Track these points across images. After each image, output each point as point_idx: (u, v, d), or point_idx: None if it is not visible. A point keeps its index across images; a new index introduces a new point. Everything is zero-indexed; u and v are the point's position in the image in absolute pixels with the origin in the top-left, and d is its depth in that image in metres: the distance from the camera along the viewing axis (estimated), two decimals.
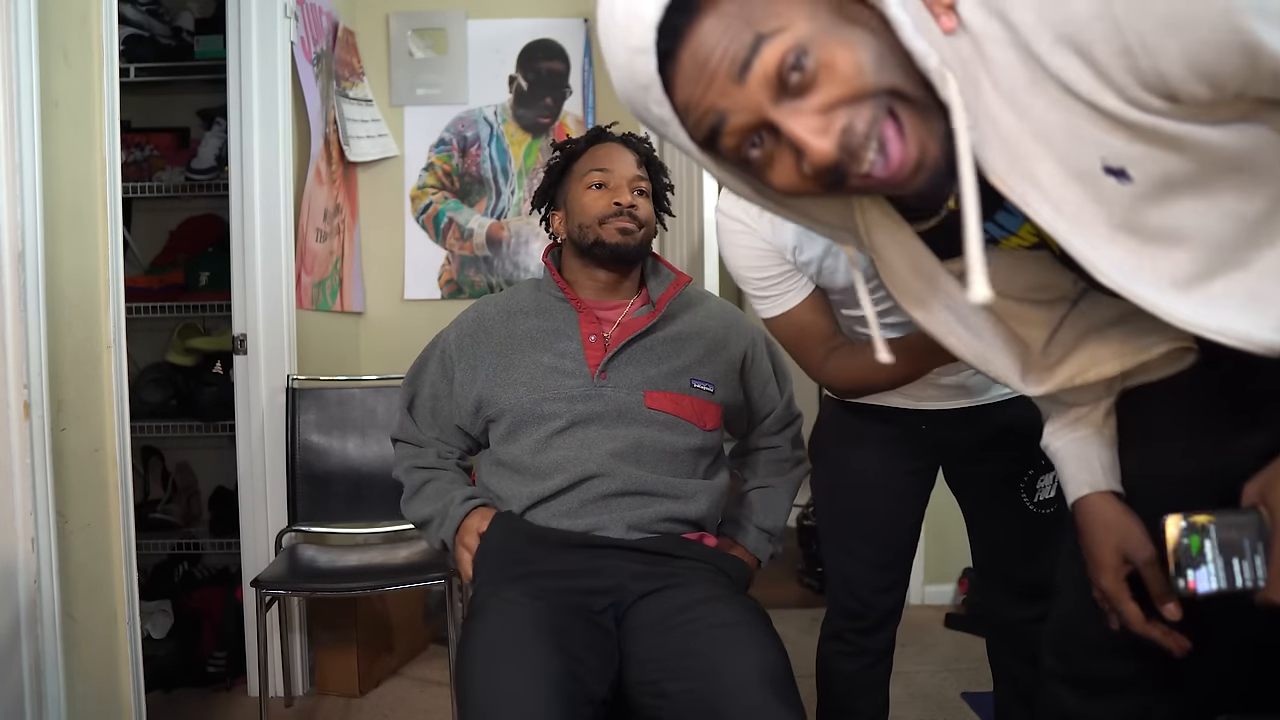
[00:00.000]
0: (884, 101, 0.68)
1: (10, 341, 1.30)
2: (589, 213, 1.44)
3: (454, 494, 1.45)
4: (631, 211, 1.43)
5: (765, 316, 1.27)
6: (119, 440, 1.51)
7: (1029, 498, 1.38)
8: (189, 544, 2.64)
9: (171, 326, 2.73)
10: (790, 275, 1.22)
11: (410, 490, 1.51)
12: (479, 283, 2.88)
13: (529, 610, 1.22)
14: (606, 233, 1.43)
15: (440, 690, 2.34)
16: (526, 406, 1.40)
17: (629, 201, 1.44)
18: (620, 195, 1.44)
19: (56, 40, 1.40)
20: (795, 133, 0.68)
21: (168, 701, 2.27)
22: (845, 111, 0.68)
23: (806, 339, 1.26)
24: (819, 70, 0.67)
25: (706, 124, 0.71)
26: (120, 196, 1.52)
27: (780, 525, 1.54)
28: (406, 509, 1.51)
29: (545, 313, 1.48)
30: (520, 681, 1.09)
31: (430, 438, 1.53)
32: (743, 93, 0.68)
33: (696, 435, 1.42)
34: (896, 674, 1.51)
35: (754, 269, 1.23)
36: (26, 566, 1.31)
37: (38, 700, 1.33)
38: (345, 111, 2.65)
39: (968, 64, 0.69)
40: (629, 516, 1.34)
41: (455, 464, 1.53)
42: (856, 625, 1.46)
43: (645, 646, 1.21)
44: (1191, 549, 0.73)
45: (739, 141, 0.71)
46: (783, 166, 0.72)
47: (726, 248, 1.25)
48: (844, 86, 0.67)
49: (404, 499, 1.52)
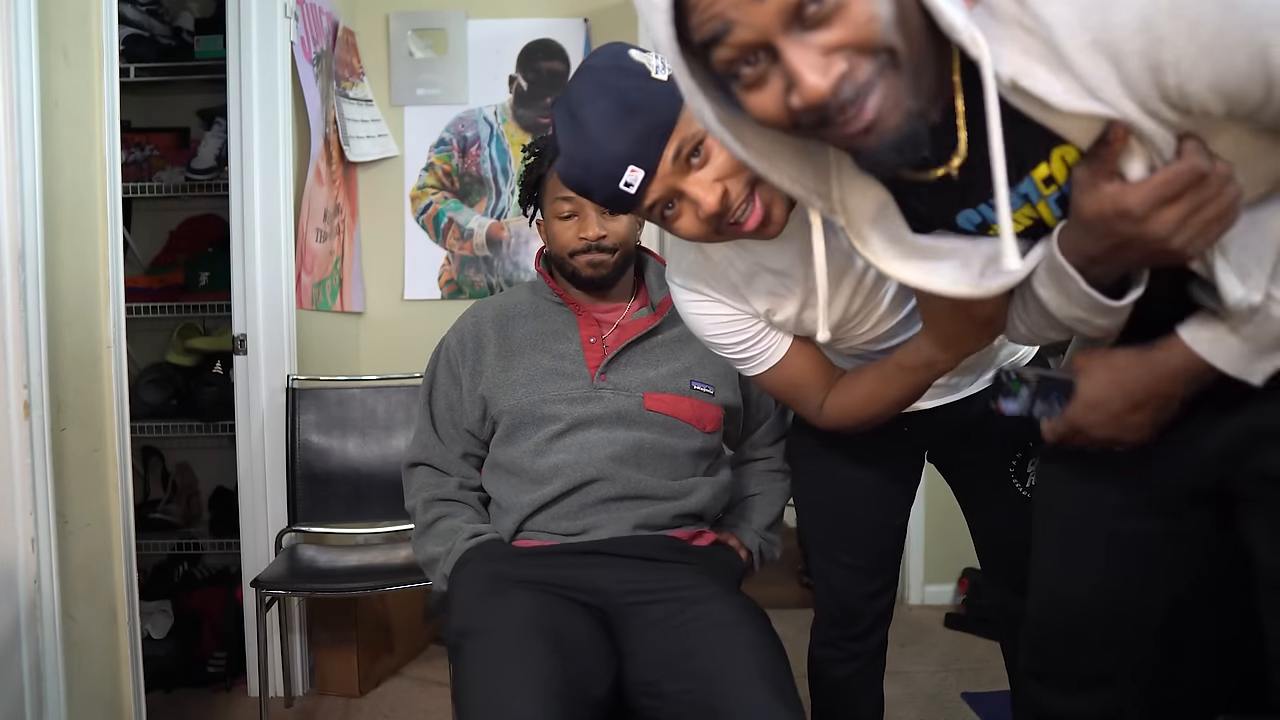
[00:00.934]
0: (884, 60, 0.68)
1: (10, 341, 1.29)
2: (558, 243, 1.44)
3: (459, 533, 1.42)
4: (600, 244, 1.41)
5: (753, 375, 1.18)
6: (119, 440, 1.51)
7: (1021, 484, 1.36)
8: (189, 544, 2.64)
9: (171, 326, 2.73)
10: (766, 333, 1.14)
11: (422, 527, 1.47)
12: (479, 283, 2.88)
13: (525, 611, 1.21)
14: (580, 265, 1.43)
15: (440, 690, 2.34)
16: (526, 408, 1.40)
17: (595, 235, 1.40)
18: (587, 228, 1.41)
19: (56, 40, 1.40)
20: (795, 65, 0.68)
21: (168, 702, 2.27)
22: (847, 58, 0.68)
23: (801, 388, 1.18)
24: (836, 9, 0.67)
25: (708, 30, 0.69)
26: (120, 196, 1.52)
27: (775, 522, 1.53)
28: (417, 546, 1.48)
29: (543, 315, 1.48)
30: (519, 685, 1.08)
31: (455, 456, 1.49)
32: (759, 10, 0.67)
33: (696, 438, 1.42)
34: (896, 674, 1.51)
35: (726, 335, 1.14)
36: (26, 566, 1.31)
37: (38, 700, 1.33)
38: (345, 111, 2.65)
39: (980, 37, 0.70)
40: (628, 518, 1.34)
41: (474, 494, 1.49)
42: (847, 632, 1.43)
43: (643, 647, 1.21)
44: (1012, 388, 0.93)
45: (734, 56, 0.70)
46: (769, 93, 0.71)
47: (690, 319, 1.16)
48: (854, 33, 0.67)
49: (415, 535, 1.49)
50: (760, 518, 1.52)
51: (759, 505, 1.54)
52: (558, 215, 1.43)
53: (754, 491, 1.56)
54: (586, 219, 1.41)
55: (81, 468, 1.45)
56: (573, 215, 1.42)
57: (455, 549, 1.40)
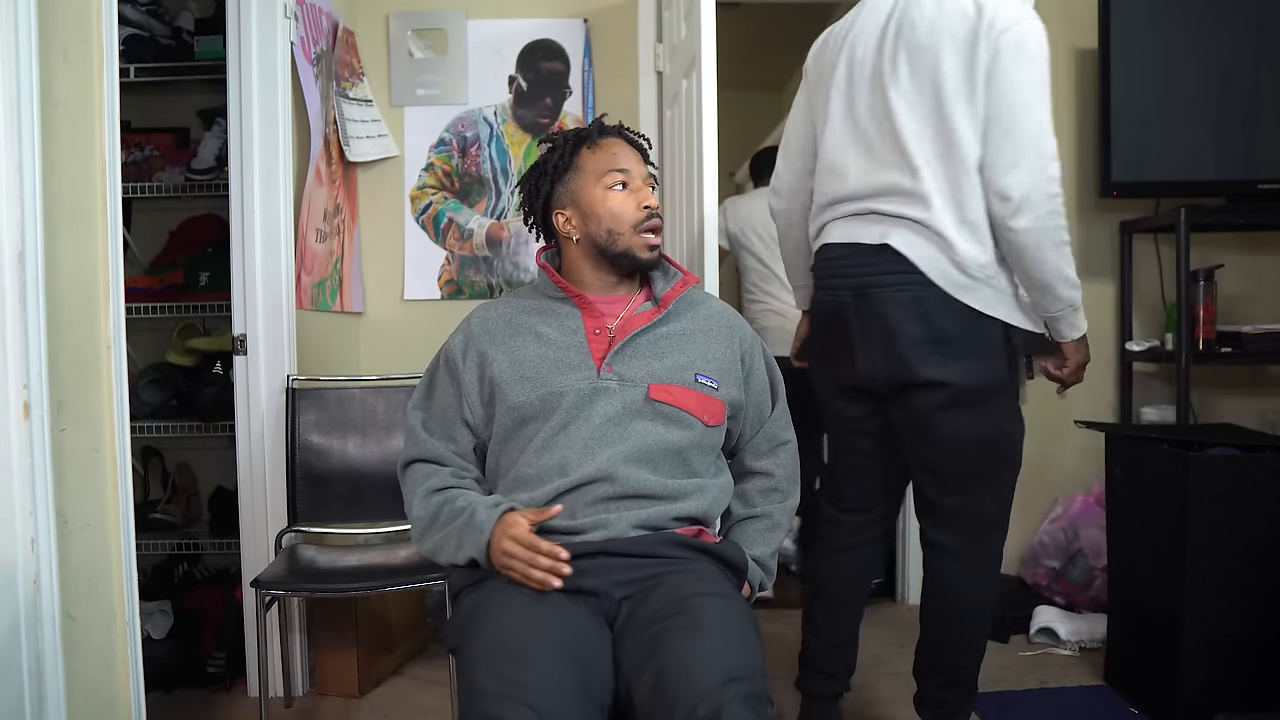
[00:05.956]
0: None
1: (10, 341, 1.29)
2: (622, 218, 1.42)
3: (476, 505, 1.34)
4: (658, 213, 1.44)
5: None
6: (119, 440, 1.51)
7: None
8: (189, 544, 2.64)
9: (171, 326, 2.73)
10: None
11: (425, 522, 1.39)
12: (479, 283, 2.88)
13: (531, 614, 1.21)
14: (638, 245, 1.43)
15: (440, 690, 2.34)
16: (532, 401, 1.39)
17: (655, 203, 1.44)
18: (646, 197, 1.43)
19: (56, 40, 1.40)
20: None
21: (168, 702, 2.27)
22: None
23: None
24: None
25: None
26: (120, 196, 1.52)
27: (772, 555, 1.49)
28: (423, 543, 1.40)
29: (548, 310, 1.48)
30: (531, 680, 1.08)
31: (448, 452, 1.45)
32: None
33: (700, 431, 1.41)
34: (896, 674, 1.50)
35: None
36: (26, 566, 1.31)
37: (38, 700, 1.33)
38: (345, 111, 2.65)
39: None
40: (628, 518, 1.34)
41: (473, 481, 1.45)
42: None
43: (626, 649, 1.21)
44: None
45: None
46: None
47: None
48: None
49: (418, 534, 1.41)
50: (760, 548, 1.48)
51: (759, 531, 1.49)
52: (610, 187, 1.43)
53: (753, 513, 1.51)
54: (641, 190, 1.44)
55: (81, 468, 1.44)
56: (626, 186, 1.43)
57: (477, 523, 1.30)
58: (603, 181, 1.44)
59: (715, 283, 2.09)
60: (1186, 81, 2.67)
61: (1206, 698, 1.99)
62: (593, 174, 1.45)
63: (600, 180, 1.44)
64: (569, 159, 1.48)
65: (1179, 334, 2.57)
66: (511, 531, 1.28)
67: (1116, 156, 2.68)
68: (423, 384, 1.52)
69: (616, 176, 1.43)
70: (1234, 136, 2.69)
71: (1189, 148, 2.69)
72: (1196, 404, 2.78)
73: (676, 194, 2.47)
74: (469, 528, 1.32)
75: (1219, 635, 1.99)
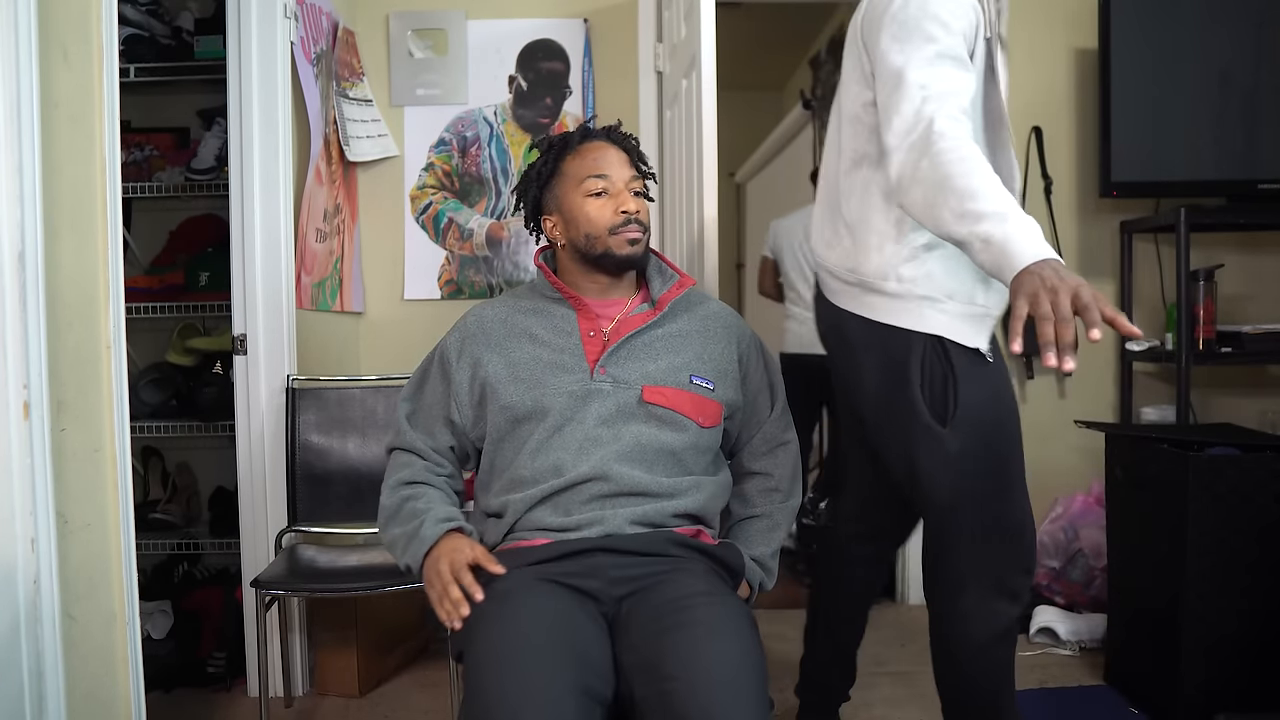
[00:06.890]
0: None
1: (10, 341, 1.29)
2: (597, 224, 1.43)
3: (428, 513, 1.36)
4: (637, 218, 1.44)
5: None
6: (119, 440, 1.51)
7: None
8: (189, 544, 2.64)
9: (171, 326, 2.73)
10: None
11: (388, 513, 1.42)
12: (479, 283, 2.88)
13: (534, 615, 1.20)
14: (616, 244, 1.43)
15: (440, 690, 2.34)
16: (526, 402, 1.39)
17: (634, 208, 1.44)
18: (624, 202, 1.44)
19: (56, 40, 1.40)
20: None
21: (168, 702, 2.27)
22: None
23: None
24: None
25: None
26: (120, 196, 1.52)
27: (773, 555, 1.49)
28: (383, 535, 1.43)
29: (543, 311, 1.48)
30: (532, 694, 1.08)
31: (428, 447, 1.47)
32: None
33: (695, 432, 1.41)
34: (896, 674, 1.50)
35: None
36: (26, 567, 1.31)
37: (38, 700, 1.33)
38: (345, 111, 2.65)
39: None
40: (624, 514, 1.33)
41: (445, 479, 1.47)
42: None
43: (626, 648, 1.20)
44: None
45: None
46: None
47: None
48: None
49: (381, 524, 1.43)
50: (761, 547, 1.48)
51: (759, 531, 1.50)
52: (588, 194, 1.44)
53: (752, 513, 1.52)
54: (621, 195, 1.45)
55: (81, 468, 1.44)
56: (605, 193, 1.44)
57: (423, 535, 1.33)
58: (582, 188, 1.45)
59: (715, 283, 2.09)
60: (1186, 81, 2.67)
61: (1206, 698, 1.99)
62: (573, 179, 1.46)
63: (580, 186, 1.45)
64: (553, 165, 1.50)
65: (1179, 334, 2.57)
66: (453, 556, 1.29)
67: (1116, 156, 2.68)
68: (415, 377, 1.53)
69: (596, 183, 1.44)
70: (1234, 136, 2.69)
71: (1189, 148, 2.69)
72: (1196, 404, 2.78)
73: (676, 194, 2.47)
74: (415, 537, 1.35)
75: (1219, 635, 1.99)
